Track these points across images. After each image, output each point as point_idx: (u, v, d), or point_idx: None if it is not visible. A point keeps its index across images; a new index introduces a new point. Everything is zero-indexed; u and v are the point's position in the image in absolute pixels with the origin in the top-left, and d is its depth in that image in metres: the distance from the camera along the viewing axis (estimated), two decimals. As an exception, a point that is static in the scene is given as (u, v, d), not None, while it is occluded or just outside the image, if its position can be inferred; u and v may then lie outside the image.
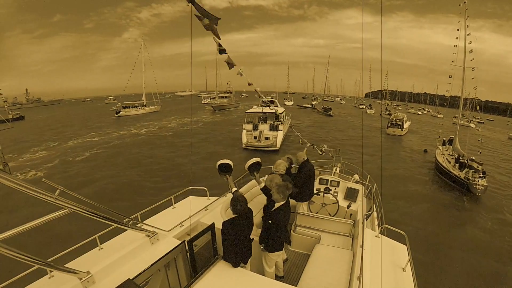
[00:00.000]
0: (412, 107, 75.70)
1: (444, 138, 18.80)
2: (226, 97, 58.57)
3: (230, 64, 4.92)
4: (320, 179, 5.82)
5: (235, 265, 2.82)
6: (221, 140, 23.68)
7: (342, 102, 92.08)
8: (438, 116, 60.33)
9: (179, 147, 20.96)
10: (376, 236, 3.68)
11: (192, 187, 4.50)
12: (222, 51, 4.50)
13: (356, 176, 6.56)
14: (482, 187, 12.63)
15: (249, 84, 6.09)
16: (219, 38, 3.88)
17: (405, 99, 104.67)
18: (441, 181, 15.03)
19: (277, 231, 3.27)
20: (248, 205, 3.10)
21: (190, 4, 3.16)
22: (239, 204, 2.80)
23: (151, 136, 26.30)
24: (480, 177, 13.01)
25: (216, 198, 4.41)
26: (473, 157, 14.89)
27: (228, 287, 2.62)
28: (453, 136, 17.67)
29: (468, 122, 42.75)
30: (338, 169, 7.04)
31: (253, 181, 5.38)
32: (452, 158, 15.71)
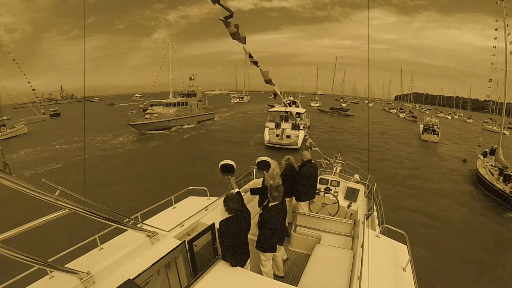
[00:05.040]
0: (442, 111, 71.74)
1: (486, 150, 17.48)
2: (177, 104, 31.66)
3: (268, 81, 4.98)
4: (320, 179, 5.82)
5: (233, 264, 2.81)
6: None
7: (369, 104, 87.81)
8: (467, 121, 57.82)
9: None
10: (376, 236, 3.67)
11: (192, 187, 4.49)
12: (254, 63, 4.61)
13: (357, 176, 6.57)
14: None
15: (275, 95, 6.22)
16: (244, 43, 4.04)
17: (435, 102, 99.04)
18: (483, 194, 13.92)
19: (265, 230, 3.28)
20: (248, 205, 3.11)
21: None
22: (231, 202, 2.80)
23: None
24: None
25: (216, 198, 4.40)
26: None
27: (229, 287, 2.60)
28: (495, 146, 16.29)
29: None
30: (338, 168, 7.04)
31: (253, 181, 5.40)
32: (496, 170, 14.47)
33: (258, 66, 4.63)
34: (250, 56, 4.40)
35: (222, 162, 3.47)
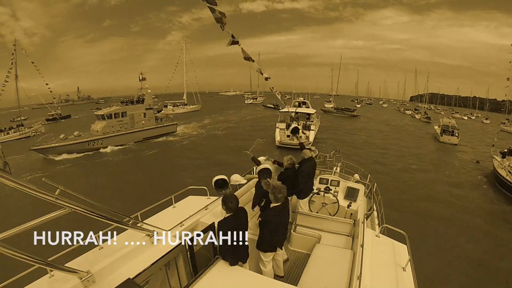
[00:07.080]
0: (457, 112, 69.08)
1: (505, 150, 16.87)
2: (107, 116, 22.16)
3: (247, 58, 5.04)
4: (320, 178, 5.81)
5: (233, 263, 2.83)
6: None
7: (384, 105, 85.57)
8: (484, 121, 56.40)
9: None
10: (376, 235, 3.67)
11: (192, 187, 4.50)
12: (234, 42, 4.64)
13: (357, 176, 6.53)
14: None
15: (267, 79, 6.14)
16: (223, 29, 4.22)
17: (451, 102, 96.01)
18: (504, 196, 13.65)
19: (266, 230, 3.29)
20: (247, 205, 3.07)
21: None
22: (229, 202, 2.85)
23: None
24: None
25: (216, 197, 4.41)
26: None
27: (229, 287, 2.61)
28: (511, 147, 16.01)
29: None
30: (338, 168, 6.99)
31: (253, 181, 5.39)
32: None
33: (239, 45, 4.79)
34: (233, 37, 4.57)
35: (215, 178, 3.49)
